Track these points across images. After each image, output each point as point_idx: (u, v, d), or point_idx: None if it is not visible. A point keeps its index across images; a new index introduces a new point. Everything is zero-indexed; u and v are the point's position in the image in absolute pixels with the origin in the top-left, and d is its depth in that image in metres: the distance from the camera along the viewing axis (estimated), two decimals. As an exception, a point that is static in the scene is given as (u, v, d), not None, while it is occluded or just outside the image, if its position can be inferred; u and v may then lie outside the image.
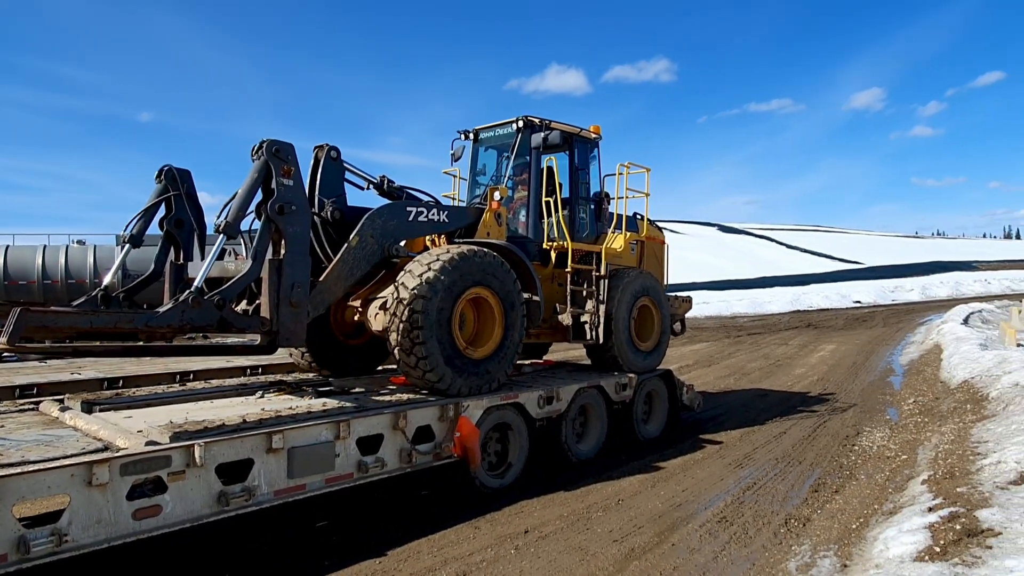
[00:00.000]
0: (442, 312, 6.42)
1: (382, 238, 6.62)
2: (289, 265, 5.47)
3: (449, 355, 6.48)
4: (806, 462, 7.88)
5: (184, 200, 6.13)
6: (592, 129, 9.42)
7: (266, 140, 5.52)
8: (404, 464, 5.92)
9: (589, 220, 9.40)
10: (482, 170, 9.52)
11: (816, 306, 39.99)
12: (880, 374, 15.02)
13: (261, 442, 4.96)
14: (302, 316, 5.54)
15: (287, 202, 5.50)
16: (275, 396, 6.61)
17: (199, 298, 5.00)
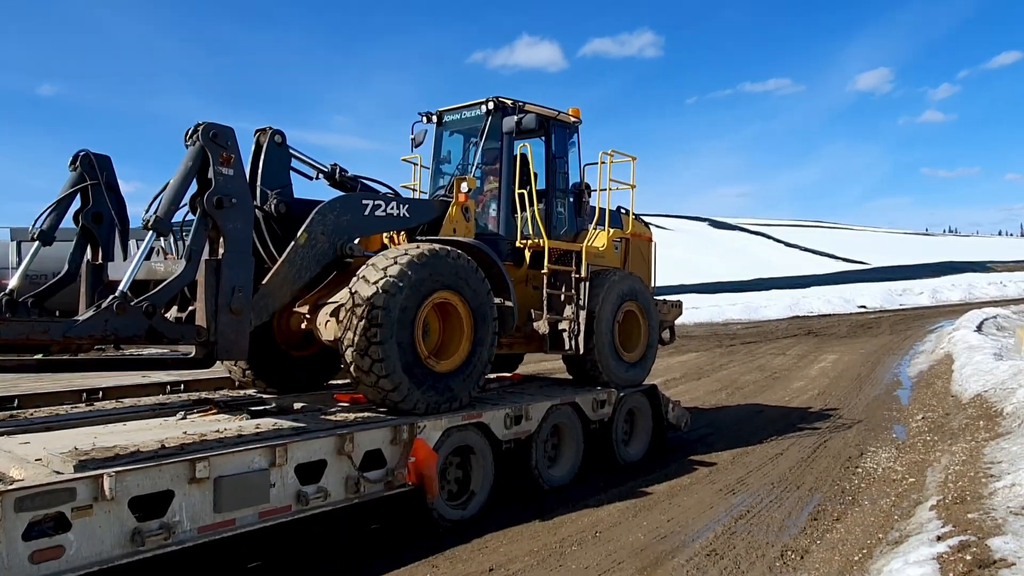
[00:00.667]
0: (405, 312, 6.39)
1: (334, 235, 6.59)
2: (229, 266, 5.42)
3: (409, 362, 6.43)
4: (805, 486, 7.98)
5: (103, 191, 6.04)
6: (571, 112, 9.47)
7: (202, 123, 5.47)
8: (351, 494, 5.85)
9: (568, 215, 9.44)
10: (446, 157, 9.51)
11: (817, 311, 40.61)
12: (886, 387, 15.30)
13: (183, 471, 4.86)
14: (244, 325, 5.49)
15: (226, 194, 5.45)
16: (199, 417, 6.50)
17: (125, 304, 4.89)
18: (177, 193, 5.33)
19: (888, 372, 17.65)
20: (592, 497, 7.61)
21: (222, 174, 5.45)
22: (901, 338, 26.21)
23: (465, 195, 7.87)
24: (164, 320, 5.17)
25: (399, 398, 6.43)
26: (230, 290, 5.40)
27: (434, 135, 9.48)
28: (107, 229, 6.18)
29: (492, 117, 8.70)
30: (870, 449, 9.65)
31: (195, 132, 5.47)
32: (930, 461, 8.57)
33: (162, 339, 5.12)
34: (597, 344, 8.73)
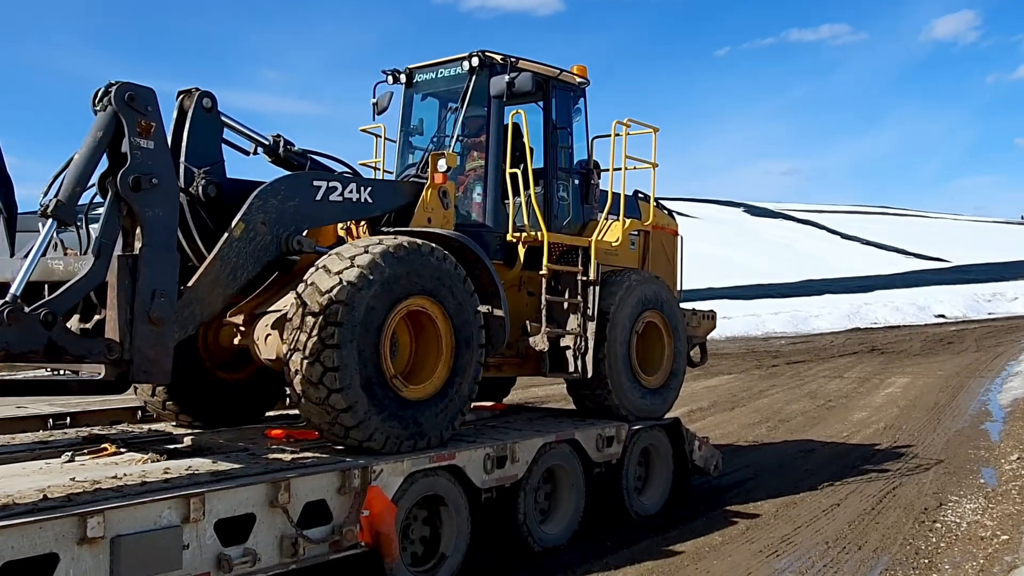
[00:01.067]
0: (372, 314, 6.41)
1: (277, 226, 6.64)
2: (148, 264, 5.43)
3: (370, 378, 6.43)
4: (868, 547, 8.06)
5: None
6: (575, 71, 9.58)
7: (116, 83, 5.49)
8: (287, 558, 5.83)
9: (572, 201, 9.55)
10: (418, 128, 9.60)
11: (883, 322, 40.97)
12: (972, 419, 15.46)
13: (70, 529, 4.83)
14: (166, 338, 5.51)
15: (145, 172, 5.46)
16: (91, 459, 6.46)
17: (17, 312, 4.86)
18: (83, 172, 5.35)
19: (974, 400, 17.82)
20: (596, 561, 7.65)
21: (140, 147, 5.46)
22: (990, 356, 26.49)
23: (443, 175, 7.90)
24: (67, 332, 5.17)
25: (352, 422, 6.40)
26: (149, 294, 5.40)
27: (402, 99, 9.54)
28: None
29: (476, 76, 8.74)
30: (951, 498, 9.77)
31: (106, 94, 5.49)
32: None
33: (64, 356, 5.11)
34: (609, 365, 8.80)
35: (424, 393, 6.93)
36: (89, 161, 5.39)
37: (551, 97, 9.21)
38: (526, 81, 8.59)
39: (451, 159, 8.02)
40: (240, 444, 7.01)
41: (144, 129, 5.48)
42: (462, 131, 8.91)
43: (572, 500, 8.26)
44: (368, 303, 6.37)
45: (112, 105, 5.44)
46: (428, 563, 6.96)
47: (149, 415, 9.49)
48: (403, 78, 9.46)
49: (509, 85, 8.58)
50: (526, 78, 8.61)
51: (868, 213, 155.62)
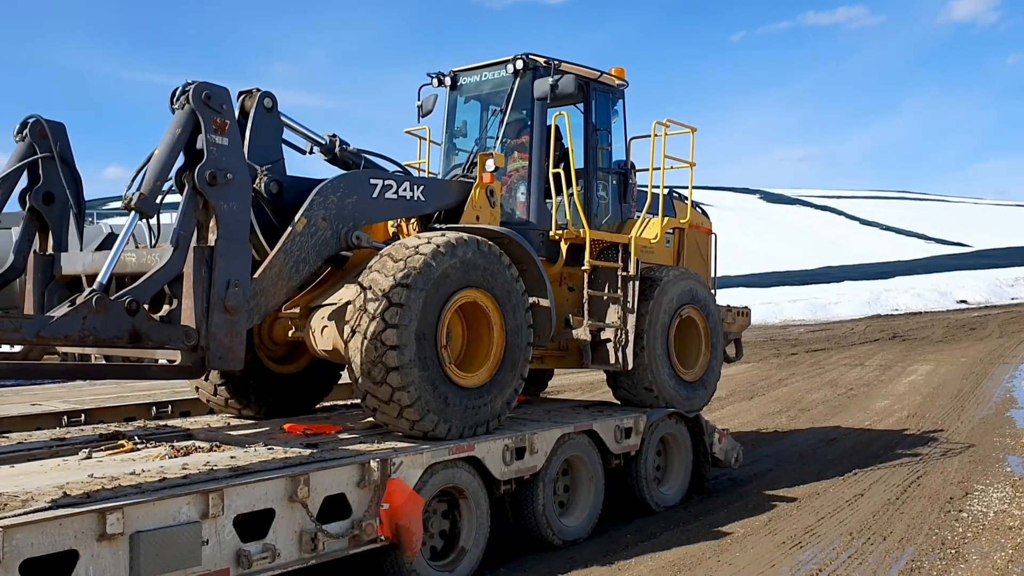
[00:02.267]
0: (428, 311, 6.75)
1: (337, 221, 6.98)
2: (223, 255, 5.70)
3: (430, 374, 6.79)
4: (893, 537, 8.05)
5: (57, 165, 6.42)
6: (614, 73, 9.93)
7: (193, 83, 5.77)
8: (306, 553, 5.87)
9: (611, 200, 9.93)
10: (461, 130, 9.96)
11: (904, 308, 40.82)
12: (996, 406, 15.41)
13: (89, 525, 4.87)
14: (240, 326, 5.81)
15: (221, 168, 5.73)
16: (109, 456, 6.51)
17: (106, 300, 5.09)
18: (163, 167, 5.60)
19: (998, 387, 17.76)
20: (617, 554, 7.67)
21: (216, 144, 5.73)
22: (1014, 342, 26.38)
23: (491, 175, 8.23)
24: (148, 320, 5.38)
25: (408, 401, 6.69)
26: (225, 284, 5.68)
27: (447, 102, 9.91)
28: (60, 212, 6.52)
29: (521, 79, 9.10)
30: (977, 487, 9.75)
31: (183, 93, 5.76)
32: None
33: (146, 342, 5.33)
34: (648, 357, 9.13)
35: (477, 381, 7.28)
36: (168, 157, 5.65)
37: (591, 99, 9.57)
38: (569, 83, 8.91)
39: (499, 159, 8.31)
40: (259, 440, 7.05)
41: (219, 126, 5.78)
42: (505, 132, 9.25)
43: (591, 492, 8.29)
44: (428, 291, 6.71)
45: (190, 103, 5.73)
46: (448, 556, 6.99)
47: (164, 411, 9.60)
48: (447, 81, 9.78)
49: (552, 87, 8.90)
50: (569, 80, 8.93)
51: (887, 198, 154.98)
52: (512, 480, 7.43)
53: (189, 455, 6.45)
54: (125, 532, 4.99)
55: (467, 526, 7.09)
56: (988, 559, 7.34)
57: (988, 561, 7.29)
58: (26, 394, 11.19)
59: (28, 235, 6.46)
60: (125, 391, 11.26)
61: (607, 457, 8.44)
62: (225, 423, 8.28)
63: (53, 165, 6.44)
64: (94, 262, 6.37)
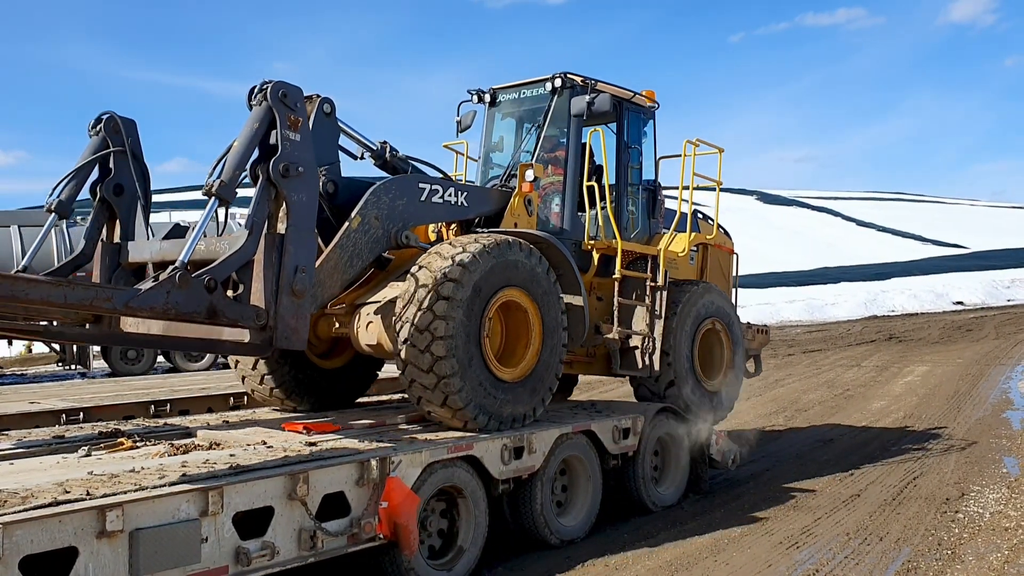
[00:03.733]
0: (472, 307, 7.15)
1: (388, 221, 7.42)
2: (292, 243, 6.08)
3: (474, 366, 7.19)
4: (890, 538, 8.07)
5: (128, 159, 6.90)
6: (646, 95, 10.35)
7: (271, 81, 6.17)
8: (305, 551, 5.88)
9: (640, 215, 10.37)
10: (498, 145, 10.41)
11: (900, 309, 40.87)
12: (992, 408, 15.44)
13: (89, 522, 4.88)
14: (305, 309, 6.18)
15: (293, 162, 6.11)
16: (108, 453, 6.53)
17: (188, 277, 5.42)
18: (242, 157, 6.04)
19: (994, 388, 17.79)
20: (613, 553, 7.69)
21: (289, 139, 6.13)
22: (1010, 343, 26.41)
23: (530, 184, 8.67)
24: (224, 297, 5.71)
25: (461, 403, 7.09)
26: (293, 270, 6.05)
27: (485, 117, 10.39)
28: (128, 203, 6.96)
29: (558, 96, 9.51)
30: (973, 488, 9.77)
31: (261, 91, 6.17)
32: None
33: (220, 319, 5.68)
34: (674, 366, 9.53)
35: (515, 376, 7.66)
36: (246, 148, 6.04)
37: (624, 118, 9.96)
38: (604, 102, 9.32)
39: (538, 170, 8.77)
40: (258, 438, 7.06)
41: (293, 123, 6.18)
42: (541, 147, 9.60)
43: (589, 492, 8.31)
44: (474, 287, 7.12)
45: (267, 100, 6.12)
46: (446, 556, 7.01)
47: (163, 409, 9.61)
48: (487, 98, 10.22)
49: (589, 105, 9.31)
50: (604, 99, 9.34)
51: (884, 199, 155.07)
52: (510, 480, 7.45)
53: (188, 453, 6.47)
54: (124, 529, 5.00)
55: (465, 525, 7.11)
56: (984, 560, 7.36)
57: (984, 562, 7.31)
58: (24, 392, 11.21)
59: (98, 224, 6.87)
60: (124, 389, 11.28)
61: (605, 457, 8.46)
62: (223, 421, 8.30)
63: (123, 159, 6.90)
64: (161, 250, 6.77)
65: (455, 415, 7.18)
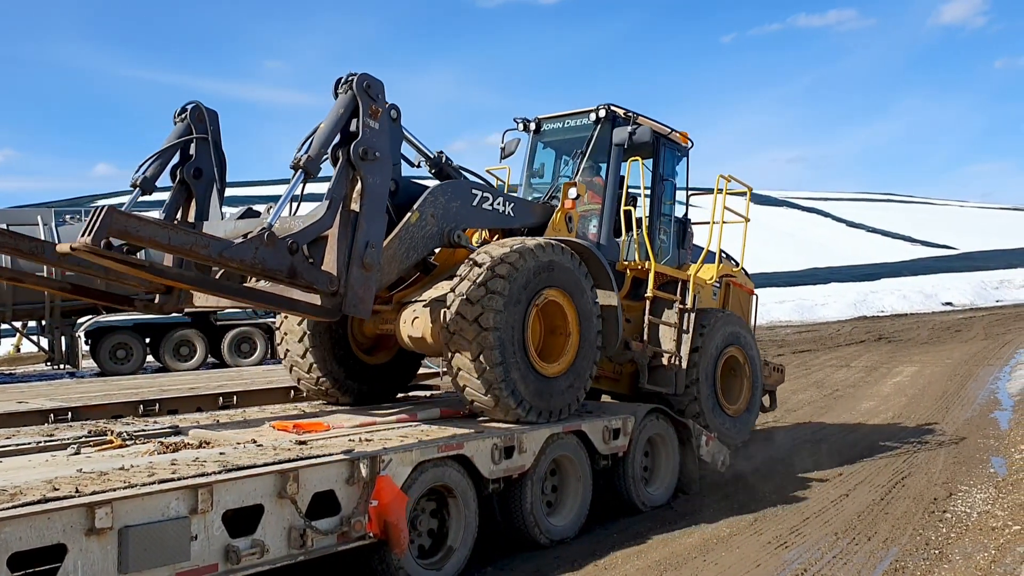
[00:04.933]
0: (518, 304, 7.65)
1: (443, 220, 8.00)
2: (366, 220, 6.66)
3: (518, 360, 7.66)
4: (878, 537, 8.12)
5: (209, 146, 7.53)
6: (681, 135, 11.06)
7: (358, 73, 6.75)
8: (295, 549, 5.89)
9: (671, 245, 10.96)
10: (539, 171, 11.11)
11: (890, 310, 40.99)
12: (981, 408, 15.52)
13: (78, 519, 4.88)
14: (372, 282, 6.73)
15: (371, 147, 6.72)
16: (97, 452, 6.52)
17: (274, 237, 5.96)
18: (327, 137, 6.60)
19: (983, 388, 17.87)
20: (603, 554, 7.71)
21: (369, 126, 6.74)
22: (999, 344, 26.53)
23: (572, 202, 9.31)
24: (304, 260, 6.22)
25: (505, 392, 7.57)
26: (364, 244, 6.63)
27: (528, 145, 11.05)
28: (205, 186, 7.50)
29: (601, 126, 10.20)
30: (961, 488, 9.83)
31: (347, 81, 6.73)
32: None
33: (299, 279, 6.19)
34: (698, 387, 10.05)
35: (555, 371, 8.13)
36: (332, 130, 6.62)
37: (661, 153, 10.58)
38: (645, 133, 10.03)
39: (580, 188, 9.45)
40: (248, 436, 7.06)
41: (374, 112, 6.76)
42: (582, 173, 10.22)
43: (579, 492, 8.31)
44: (521, 284, 7.64)
45: (352, 90, 6.70)
46: (436, 555, 7.02)
47: (152, 409, 9.59)
48: (532, 126, 10.89)
49: (631, 135, 10.00)
50: (645, 131, 10.05)
51: (874, 200, 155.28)
52: (500, 479, 7.46)
53: (178, 451, 6.48)
54: (114, 527, 5.01)
55: (455, 525, 7.12)
56: (971, 559, 7.41)
57: (971, 562, 7.36)
58: (12, 392, 11.17)
59: (175, 205, 7.41)
60: (113, 389, 11.25)
61: (595, 457, 8.47)
62: (215, 420, 8.30)
63: (204, 145, 7.51)
64: (236, 228, 7.26)
65: (498, 403, 7.62)
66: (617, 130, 10.10)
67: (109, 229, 5.12)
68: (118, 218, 5.18)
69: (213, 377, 13.39)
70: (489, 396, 7.60)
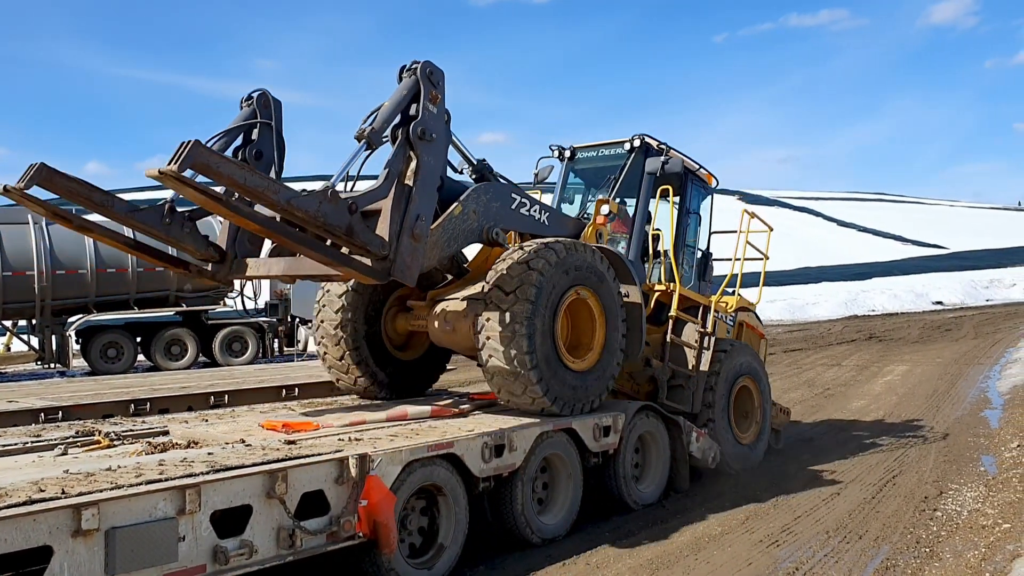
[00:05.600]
0: (551, 298, 8.04)
1: (483, 217, 8.47)
2: (418, 195, 7.20)
3: (548, 353, 8.04)
4: (869, 535, 8.11)
5: (271, 132, 7.99)
6: (707, 175, 11.70)
7: (422, 61, 7.33)
8: (284, 550, 5.85)
9: (693, 275, 11.45)
10: (570, 196, 11.72)
11: (881, 309, 41.08)
12: (971, 407, 15.54)
13: (64, 521, 4.84)
14: (419, 253, 7.23)
15: (428, 128, 7.29)
16: (85, 452, 6.48)
17: (337, 194, 6.47)
18: (389, 115, 7.13)
19: (973, 387, 17.90)
20: (594, 552, 7.69)
21: (428, 110, 7.32)
22: (989, 343, 26.58)
23: (604, 218, 9.86)
24: (362, 221, 6.70)
25: (535, 381, 7.91)
26: (415, 216, 7.14)
27: (563, 171, 11.69)
28: (265, 168, 7.86)
29: (635, 155, 10.81)
30: (952, 486, 9.83)
31: (411, 68, 7.33)
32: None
33: (355, 238, 6.66)
34: (714, 408, 10.45)
35: (583, 366, 8.53)
36: (395, 108, 7.17)
37: (688, 187, 11.18)
38: (676, 164, 10.58)
39: (613, 205, 10.15)
40: (237, 436, 7.02)
41: (433, 98, 7.36)
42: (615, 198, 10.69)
43: (569, 490, 8.28)
44: (553, 280, 8.04)
45: (416, 75, 7.28)
46: (426, 554, 6.98)
47: (143, 408, 9.54)
48: (567, 154, 11.53)
49: (663, 164, 10.51)
50: (676, 162, 10.59)
51: (865, 200, 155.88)
52: (491, 478, 7.43)
53: (166, 452, 6.44)
54: (100, 528, 4.97)
55: (445, 523, 7.09)
56: (962, 557, 7.40)
57: (962, 560, 7.35)
58: (2, 391, 11.12)
59: None
60: (103, 388, 11.20)
61: (586, 455, 8.44)
62: (203, 420, 8.25)
63: (267, 130, 7.99)
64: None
65: (525, 390, 7.97)
66: (650, 160, 10.63)
67: (194, 161, 5.52)
68: (202, 152, 5.60)
69: (204, 376, 13.35)
70: (518, 384, 7.93)
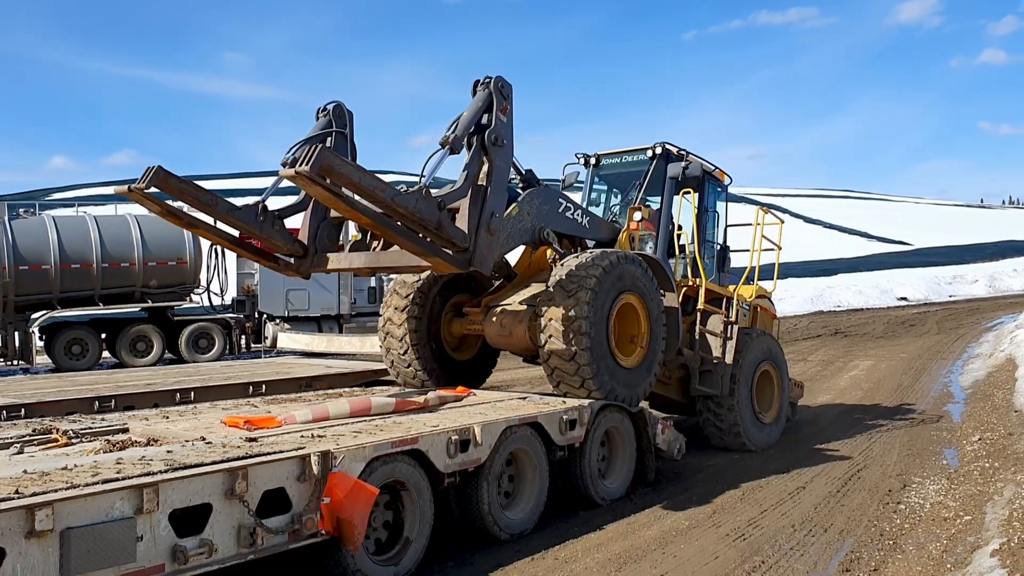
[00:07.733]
0: (604, 302, 8.95)
1: (536, 218, 9.45)
2: (492, 194, 8.20)
3: (602, 350, 8.96)
4: (834, 529, 8.14)
5: (345, 140, 8.83)
6: (720, 174, 12.56)
7: (494, 76, 8.28)
8: (245, 548, 5.76)
9: (713, 268, 12.30)
10: (596, 200, 12.46)
11: (846, 304, 41.38)
12: (934, 401, 15.67)
13: (17, 522, 4.75)
14: (495, 245, 8.35)
15: (500, 135, 8.25)
16: (41, 451, 6.38)
17: (429, 192, 7.31)
18: (468, 123, 8.05)
19: (936, 382, 18.07)
20: (563, 546, 7.67)
21: (500, 120, 8.29)
22: (951, 338, 26.85)
23: (637, 224, 10.72)
24: (448, 217, 7.61)
25: (591, 374, 8.85)
26: (489, 214, 8.16)
27: (588, 178, 12.47)
28: None
29: (657, 162, 11.65)
30: (915, 480, 9.88)
31: (485, 83, 8.30)
32: (990, 494, 8.81)
33: (443, 232, 7.54)
34: (738, 392, 11.32)
35: (631, 363, 9.56)
36: (472, 118, 8.10)
37: (705, 187, 12.07)
38: (696, 168, 11.68)
39: (645, 212, 10.94)
40: (197, 434, 6.91)
41: (503, 109, 8.33)
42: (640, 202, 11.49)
43: (536, 485, 8.23)
44: (608, 285, 9.01)
45: (489, 88, 8.26)
46: (392, 549, 6.92)
47: (107, 405, 9.38)
48: (592, 160, 12.37)
49: (684, 169, 11.53)
50: (696, 166, 11.68)
51: (831, 197, 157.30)
52: (456, 473, 7.37)
53: (124, 450, 6.33)
54: (55, 529, 4.88)
55: (411, 517, 7.04)
56: (924, 549, 7.44)
57: (924, 551, 7.38)
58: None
59: None
60: (67, 385, 11.01)
61: (552, 449, 8.39)
62: (164, 416, 8.13)
63: (341, 138, 8.83)
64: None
65: (584, 384, 8.87)
66: (671, 165, 11.57)
67: (322, 164, 6.34)
68: (329, 155, 6.46)
69: (171, 373, 13.15)
70: (576, 377, 8.86)
